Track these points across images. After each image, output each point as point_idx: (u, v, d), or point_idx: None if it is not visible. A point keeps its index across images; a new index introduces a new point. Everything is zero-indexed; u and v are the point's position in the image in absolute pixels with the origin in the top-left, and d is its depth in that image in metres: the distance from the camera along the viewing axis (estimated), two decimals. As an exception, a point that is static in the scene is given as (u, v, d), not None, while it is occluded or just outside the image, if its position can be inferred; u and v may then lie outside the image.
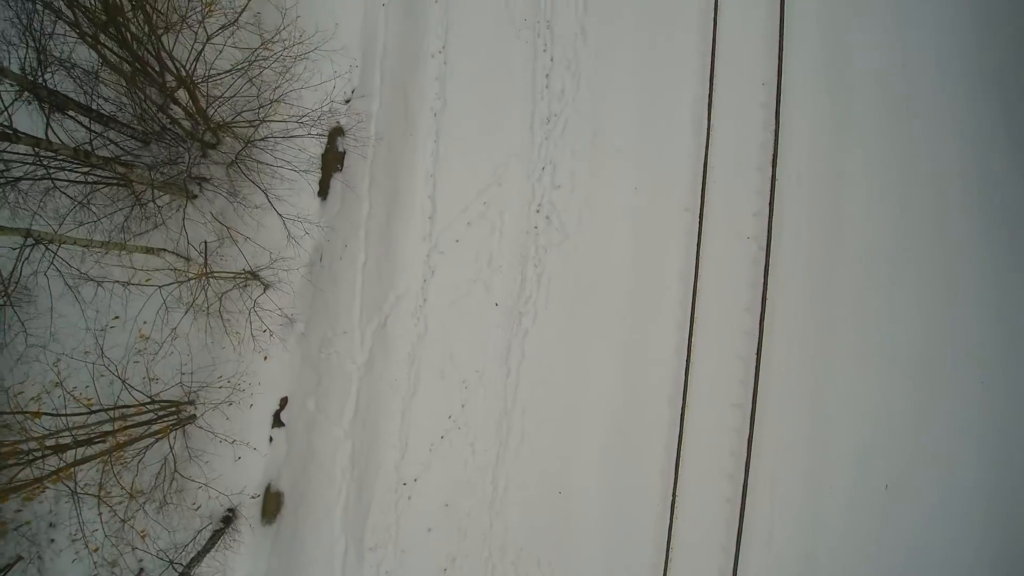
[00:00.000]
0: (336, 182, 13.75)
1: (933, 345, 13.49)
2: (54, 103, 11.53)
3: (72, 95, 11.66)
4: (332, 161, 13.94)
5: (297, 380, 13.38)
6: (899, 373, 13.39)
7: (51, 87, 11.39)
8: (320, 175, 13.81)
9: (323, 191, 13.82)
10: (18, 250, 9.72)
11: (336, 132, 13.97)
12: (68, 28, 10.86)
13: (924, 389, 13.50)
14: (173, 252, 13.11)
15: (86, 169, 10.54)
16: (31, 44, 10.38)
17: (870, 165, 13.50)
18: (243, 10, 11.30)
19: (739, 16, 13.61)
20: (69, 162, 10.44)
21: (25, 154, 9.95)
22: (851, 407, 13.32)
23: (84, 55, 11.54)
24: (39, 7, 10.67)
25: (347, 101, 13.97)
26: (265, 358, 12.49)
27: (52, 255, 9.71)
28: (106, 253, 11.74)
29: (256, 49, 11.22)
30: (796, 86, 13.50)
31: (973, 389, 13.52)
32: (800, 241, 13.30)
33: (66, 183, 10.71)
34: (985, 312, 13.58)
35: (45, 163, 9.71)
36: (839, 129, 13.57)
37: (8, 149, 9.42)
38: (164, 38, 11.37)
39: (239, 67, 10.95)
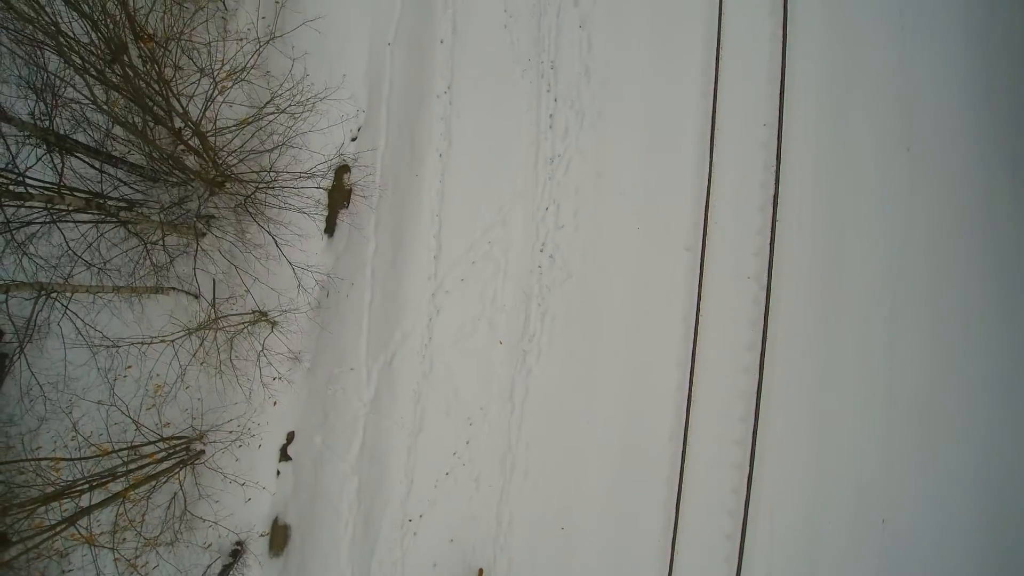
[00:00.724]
0: (343, 219, 13.95)
1: (933, 383, 13.64)
2: (64, 147, 11.74)
3: (81, 137, 11.86)
4: (339, 199, 14.15)
5: (304, 415, 13.62)
6: (899, 411, 13.55)
7: (61, 133, 11.60)
8: (327, 212, 14.01)
9: (330, 228, 14.05)
10: (32, 302, 9.92)
11: (343, 170, 14.18)
12: (76, 72, 11.02)
13: (923, 426, 13.65)
14: (182, 290, 13.34)
15: (96, 216, 10.72)
16: (40, 89, 10.56)
17: (871, 206, 13.65)
18: (249, 67, 11.42)
19: (742, 57, 13.74)
20: (79, 211, 10.64)
21: (36, 207, 10.13)
22: (850, 444, 13.48)
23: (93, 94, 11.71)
24: (46, 52, 10.82)
25: (353, 139, 14.18)
26: (275, 403, 12.70)
27: (64, 307, 9.90)
28: (116, 295, 11.93)
29: (263, 107, 11.37)
30: (797, 127, 13.64)
31: (972, 427, 13.68)
32: (800, 281, 13.46)
33: (74, 227, 10.87)
34: (985, 351, 13.70)
35: (55, 217, 9.88)
36: (840, 170, 13.70)
37: (21, 204, 9.60)
38: (172, 83, 11.55)
39: (248, 122, 11.12)
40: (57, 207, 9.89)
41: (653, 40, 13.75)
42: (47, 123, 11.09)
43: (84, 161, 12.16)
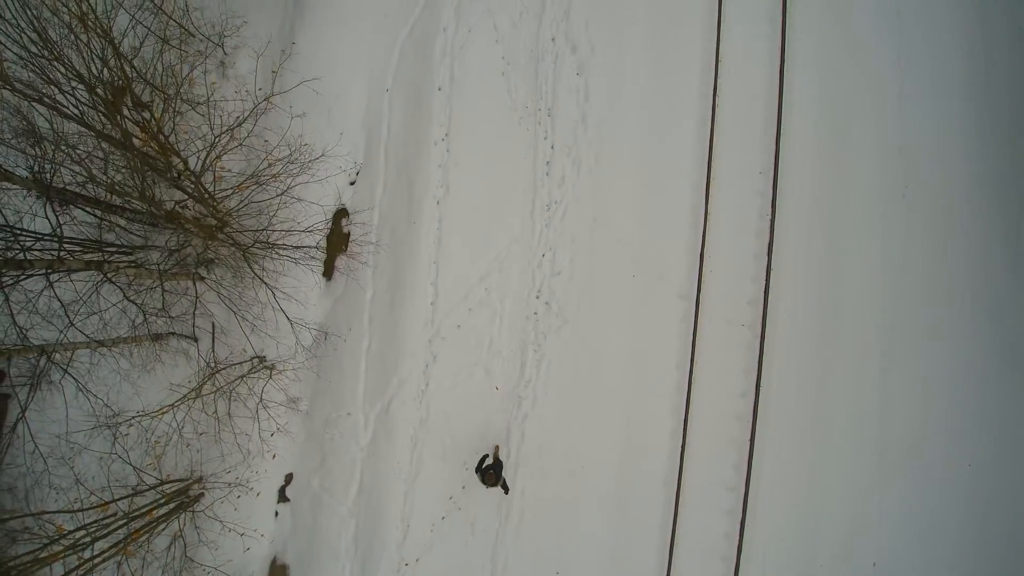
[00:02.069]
0: (341, 264, 14.08)
1: (924, 430, 13.78)
2: (63, 200, 11.87)
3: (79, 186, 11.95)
4: (337, 243, 14.27)
5: (301, 458, 13.81)
6: (890, 456, 13.70)
7: (60, 187, 11.72)
8: (325, 256, 14.15)
9: (328, 272, 14.18)
10: (33, 364, 10.06)
11: (341, 214, 14.30)
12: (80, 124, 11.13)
13: (914, 472, 13.81)
14: (180, 335, 13.48)
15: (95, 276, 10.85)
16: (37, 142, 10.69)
17: (866, 253, 13.74)
18: (246, 136, 11.50)
19: (738, 105, 13.80)
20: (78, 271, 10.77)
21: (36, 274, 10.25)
22: (842, 489, 13.64)
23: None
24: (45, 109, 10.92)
25: (351, 183, 14.29)
26: (274, 456, 12.87)
27: (64, 368, 10.04)
28: (115, 346, 12.07)
29: (260, 171, 11.46)
30: (793, 175, 13.72)
31: (961, 472, 13.85)
32: (794, 328, 13.57)
33: (71, 284, 11.00)
34: (977, 400, 13.84)
35: (52, 281, 10.01)
36: (835, 217, 13.79)
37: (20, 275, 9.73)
38: (172, 138, 11.67)
39: (244, 187, 11.24)
40: (58, 270, 10.02)
41: (650, 88, 13.80)
42: (46, 177, 11.22)
43: (83, 210, 12.29)
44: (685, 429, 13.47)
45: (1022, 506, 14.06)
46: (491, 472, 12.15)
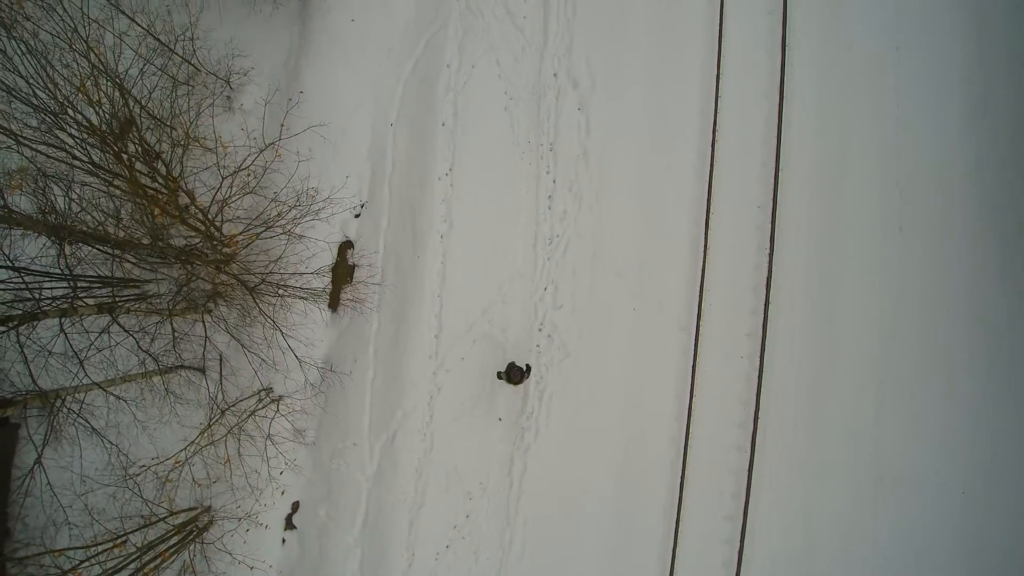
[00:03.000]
0: (346, 296, 14.30)
1: (918, 458, 14.04)
2: (74, 240, 12.08)
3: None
4: (342, 275, 14.50)
5: (308, 487, 14.07)
6: (885, 484, 13.96)
7: (70, 225, 11.92)
8: (330, 288, 14.36)
9: (333, 303, 14.40)
10: (48, 410, 10.30)
11: (346, 246, 14.52)
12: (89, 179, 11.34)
13: (908, 498, 14.07)
14: (189, 367, 13.71)
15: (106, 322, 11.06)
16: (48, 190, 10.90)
17: (862, 286, 13.96)
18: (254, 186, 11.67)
19: (737, 140, 14.00)
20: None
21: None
22: (838, 516, 13.90)
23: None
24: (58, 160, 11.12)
25: (357, 215, 14.51)
26: (283, 493, 13.11)
27: (77, 413, 10.28)
28: (126, 383, 12.30)
29: (268, 218, 11.67)
30: (791, 209, 13.92)
31: (954, 500, 14.11)
32: (792, 361, 13.81)
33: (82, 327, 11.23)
34: (969, 429, 14.08)
35: (64, 328, 10.23)
36: (832, 250, 14.00)
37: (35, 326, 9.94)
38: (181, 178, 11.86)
39: (252, 230, 11.44)
40: (69, 317, 10.24)
41: (650, 124, 14.00)
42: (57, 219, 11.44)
43: (94, 247, 12.49)
44: (684, 459, 13.73)
45: (1014, 532, 14.33)
46: (516, 369, 12.62)
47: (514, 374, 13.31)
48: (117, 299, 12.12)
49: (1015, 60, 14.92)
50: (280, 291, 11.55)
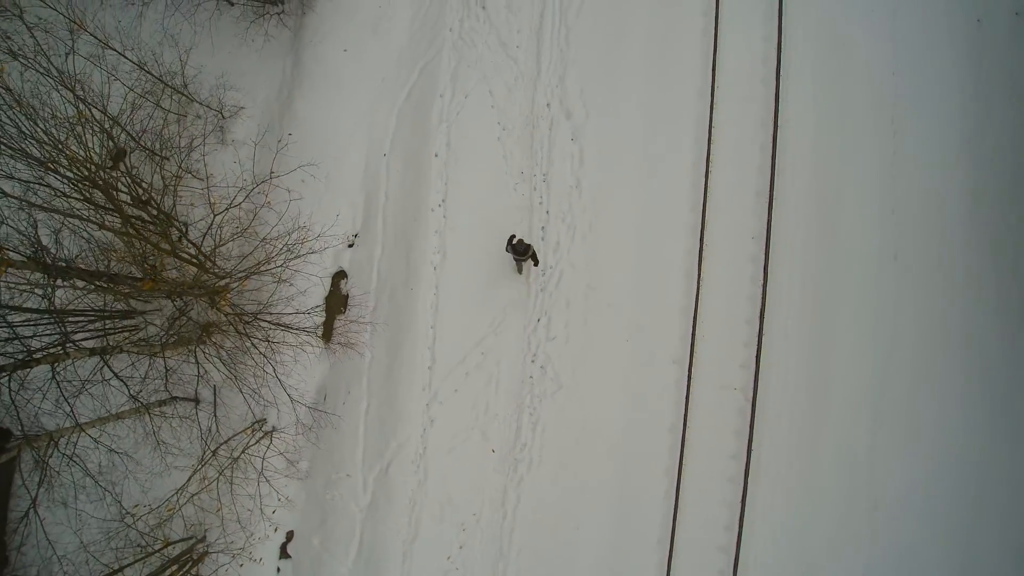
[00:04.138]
0: (340, 325, 14.32)
1: (912, 485, 14.01)
2: (66, 276, 12.10)
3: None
4: (336, 305, 14.51)
5: (303, 517, 14.12)
6: (879, 514, 13.94)
7: (61, 263, 11.93)
8: (324, 317, 14.38)
9: (327, 334, 14.42)
10: (40, 451, 10.33)
11: (339, 275, 14.52)
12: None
13: (902, 527, 14.06)
14: (183, 398, 13.75)
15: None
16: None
17: (857, 316, 13.90)
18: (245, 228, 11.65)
19: (731, 171, 13.95)
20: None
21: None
22: (832, 547, 13.88)
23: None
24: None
25: (350, 245, 14.51)
26: (275, 529, 13.15)
27: (70, 457, 10.30)
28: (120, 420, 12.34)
29: (258, 263, 11.68)
30: (785, 240, 13.88)
31: (949, 532, 14.07)
32: (786, 392, 13.77)
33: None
34: (962, 455, 14.05)
35: (59, 379, 10.25)
36: (827, 280, 13.95)
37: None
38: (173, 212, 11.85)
39: (246, 276, 11.45)
40: (61, 363, 10.26)
41: (644, 154, 13.96)
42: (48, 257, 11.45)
43: (86, 282, 12.50)
44: (678, 491, 13.74)
45: (1007, 560, 14.31)
46: (522, 245, 12.36)
47: (520, 247, 12.69)
48: (109, 336, 12.12)
49: (1013, 87, 14.81)
50: (270, 336, 11.55)
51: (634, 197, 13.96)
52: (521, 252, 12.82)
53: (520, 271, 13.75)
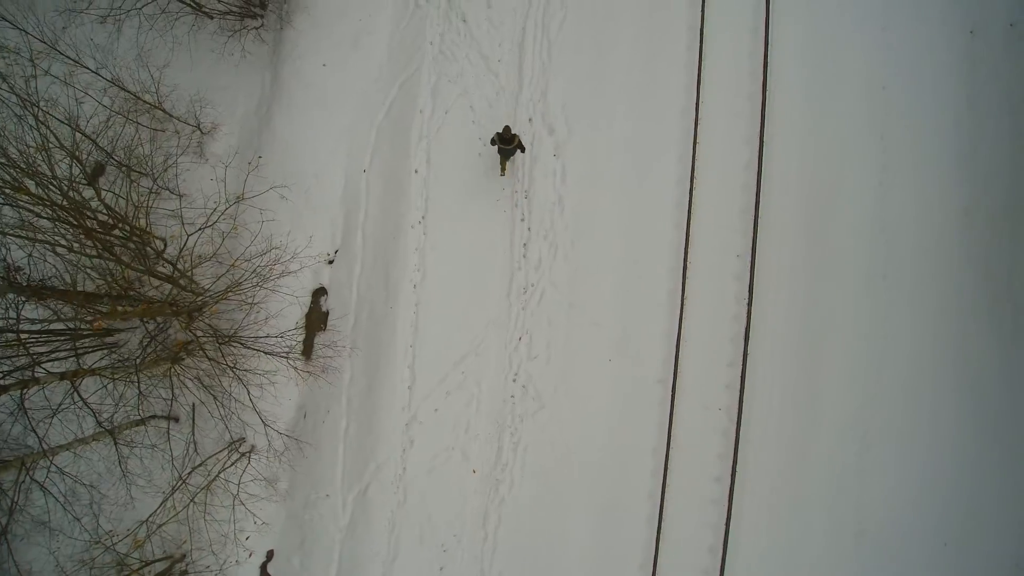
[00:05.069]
0: (319, 343, 14.17)
1: (901, 509, 13.78)
2: (36, 295, 11.98)
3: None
4: (315, 321, 14.37)
5: (282, 536, 14.00)
6: (867, 537, 13.70)
7: (33, 284, 11.83)
8: (304, 334, 14.24)
9: (307, 350, 14.27)
10: (15, 476, 10.21)
11: (319, 292, 14.38)
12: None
13: (891, 550, 13.82)
14: (161, 416, 13.63)
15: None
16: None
17: (845, 336, 13.64)
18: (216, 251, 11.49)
19: (715, 186, 13.73)
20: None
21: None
22: (820, 570, 13.67)
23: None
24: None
25: (330, 262, 14.36)
26: (250, 555, 13.02)
27: (40, 484, 10.19)
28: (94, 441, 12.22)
29: (227, 288, 11.53)
30: (771, 257, 13.64)
31: (937, 551, 13.85)
32: (771, 413, 13.55)
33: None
34: (952, 479, 13.79)
35: (26, 407, 10.12)
36: (814, 299, 13.70)
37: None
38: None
39: (219, 299, 11.31)
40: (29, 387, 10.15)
41: (627, 171, 13.74)
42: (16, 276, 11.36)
43: (59, 303, 12.38)
44: (661, 513, 13.54)
45: (998, 584, 14.07)
46: (508, 132, 12.20)
47: (506, 134, 12.45)
48: (82, 356, 11.99)
49: (1007, 100, 14.50)
50: (238, 363, 11.40)
51: (617, 214, 13.74)
52: (507, 140, 12.52)
53: (504, 170, 13.41)
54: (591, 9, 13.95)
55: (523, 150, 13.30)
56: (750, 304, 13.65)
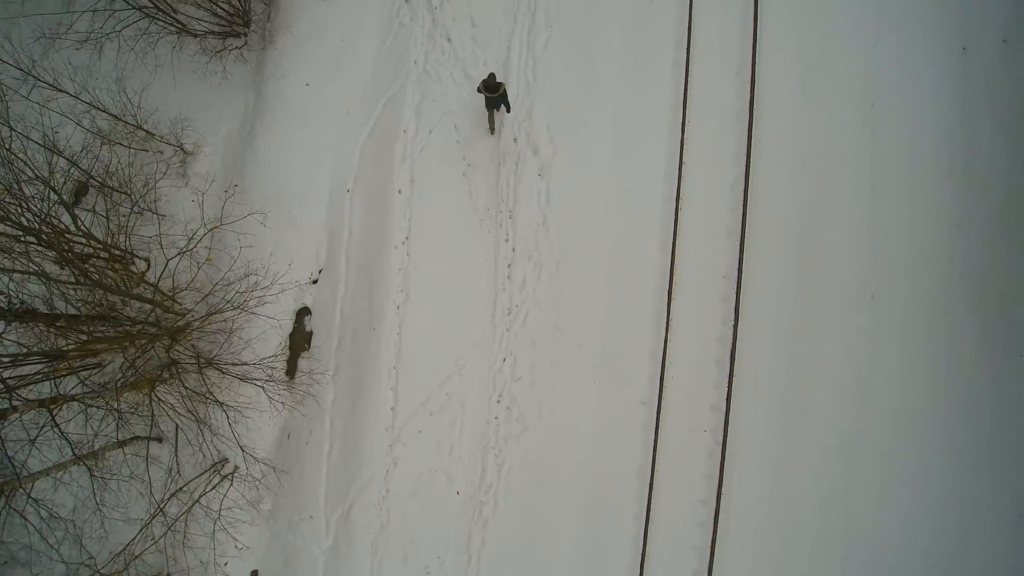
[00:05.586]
0: (303, 363, 14.13)
1: (889, 532, 13.64)
2: (23, 320, 11.98)
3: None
4: (300, 340, 14.32)
5: (265, 557, 13.96)
6: (854, 561, 13.60)
7: (20, 308, 11.81)
8: (288, 354, 14.20)
9: (291, 370, 14.23)
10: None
11: (303, 312, 14.33)
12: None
13: (878, 574, 13.72)
14: (144, 437, 13.60)
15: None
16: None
17: (832, 359, 13.49)
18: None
19: (701, 206, 13.60)
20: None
21: None
22: (805, 595, 13.59)
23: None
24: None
25: (314, 281, 14.31)
26: None
27: (20, 513, 10.17)
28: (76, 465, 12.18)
29: (209, 313, 11.47)
30: (756, 279, 13.50)
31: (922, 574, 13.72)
32: (757, 435, 13.41)
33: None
34: (941, 501, 13.64)
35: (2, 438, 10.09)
36: (801, 320, 13.56)
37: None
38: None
39: (202, 318, 11.27)
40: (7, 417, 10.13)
41: (612, 191, 13.63)
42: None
43: (41, 326, 12.36)
44: (646, 535, 13.44)
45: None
46: (494, 79, 12.05)
47: (491, 81, 12.31)
48: (60, 377, 11.96)
49: (1000, 117, 14.31)
50: (210, 394, 11.35)
51: (602, 235, 13.63)
52: (493, 88, 12.36)
53: (493, 127, 13.30)
54: (577, 28, 13.84)
55: (508, 108, 13.09)
56: (736, 325, 13.53)
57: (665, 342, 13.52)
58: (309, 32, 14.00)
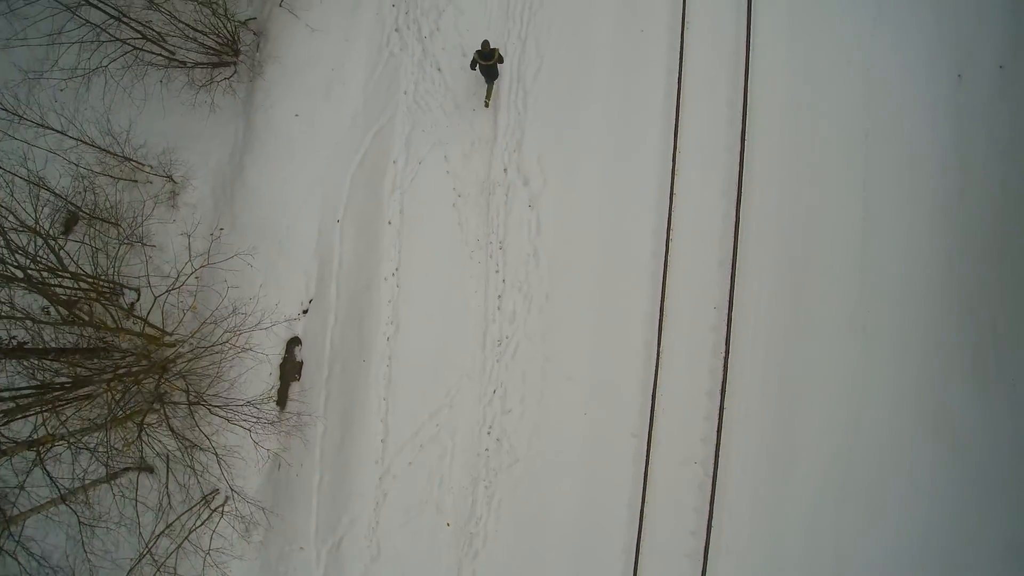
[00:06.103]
0: (294, 393, 14.12)
1: (877, 564, 13.65)
2: (11, 356, 11.98)
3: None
4: (290, 370, 14.32)
5: (257, 588, 13.98)
6: (845, 589, 13.61)
7: (9, 346, 11.82)
8: (278, 384, 14.20)
9: (281, 400, 14.23)
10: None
11: (294, 342, 14.31)
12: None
13: (868, 604, 13.73)
14: (135, 468, 13.63)
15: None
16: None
17: (823, 390, 13.48)
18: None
19: (692, 236, 13.56)
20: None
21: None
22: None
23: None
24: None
25: (304, 311, 14.29)
26: None
27: (11, 554, 10.20)
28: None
29: (189, 361, 11.45)
30: (747, 310, 13.47)
31: (915, 603, 13.72)
32: (747, 465, 13.41)
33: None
34: (930, 529, 13.63)
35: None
36: (792, 351, 13.54)
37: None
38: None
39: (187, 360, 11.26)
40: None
41: (603, 223, 13.58)
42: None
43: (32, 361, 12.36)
44: (636, 568, 13.45)
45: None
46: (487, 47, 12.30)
47: (485, 49, 12.59)
48: (53, 412, 11.96)
49: (995, 145, 14.20)
50: (195, 441, 11.35)
51: (593, 266, 13.59)
52: (487, 55, 12.49)
53: (488, 100, 13.39)
54: (567, 57, 13.76)
55: (501, 60, 13.15)
56: (727, 357, 13.50)
57: (656, 373, 13.50)
58: (298, 62, 13.93)
